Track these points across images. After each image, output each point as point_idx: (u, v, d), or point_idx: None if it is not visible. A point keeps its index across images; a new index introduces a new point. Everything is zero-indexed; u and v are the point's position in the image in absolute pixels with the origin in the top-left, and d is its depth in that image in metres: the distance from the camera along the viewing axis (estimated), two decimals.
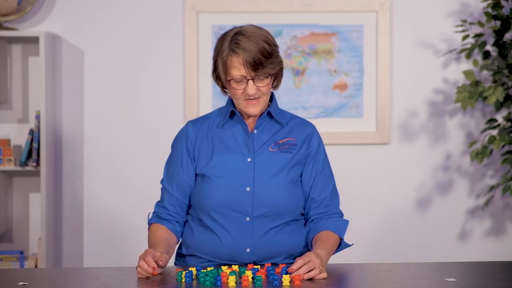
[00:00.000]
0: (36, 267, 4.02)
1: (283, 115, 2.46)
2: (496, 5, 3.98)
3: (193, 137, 2.44)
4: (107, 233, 4.16)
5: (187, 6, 4.10)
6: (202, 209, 2.40)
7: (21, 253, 4.01)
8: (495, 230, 4.26)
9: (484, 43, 4.01)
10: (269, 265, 2.27)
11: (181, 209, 2.45)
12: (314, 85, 4.18)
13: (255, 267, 2.25)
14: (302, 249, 2.43)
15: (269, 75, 2.33)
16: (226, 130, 2.43)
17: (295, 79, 4.16)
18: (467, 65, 4.18)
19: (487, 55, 4.09)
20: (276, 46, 2.36)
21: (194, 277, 2.19)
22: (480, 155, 3.97)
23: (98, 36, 4.12)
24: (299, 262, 2.16)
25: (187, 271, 2.18)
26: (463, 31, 4.06)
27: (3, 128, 4.13)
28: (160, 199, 2.49)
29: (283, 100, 4.10)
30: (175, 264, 2.53)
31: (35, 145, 3.98)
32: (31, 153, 4.00)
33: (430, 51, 4.19)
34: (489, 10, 4.05)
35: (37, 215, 4.15)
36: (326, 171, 2.45)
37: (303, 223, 2.46)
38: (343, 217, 2.45)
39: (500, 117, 4.18)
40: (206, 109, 4.10)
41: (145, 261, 2.21)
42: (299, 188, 2.43)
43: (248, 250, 2.37)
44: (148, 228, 2.46)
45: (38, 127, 3.99)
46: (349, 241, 2.47)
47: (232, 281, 2.12)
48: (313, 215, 2.41)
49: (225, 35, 2.35)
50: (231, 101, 2.42)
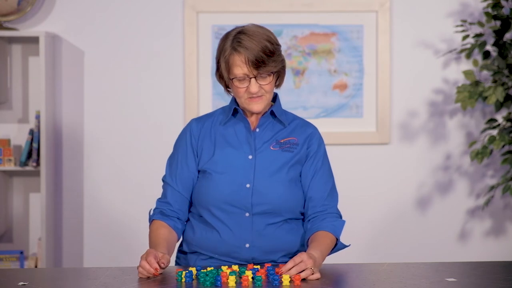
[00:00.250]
0: (36, 267, 4.02)
1: (286, 115, 2.49)
2: (496, 5, 3.98)
3: (196, 133, 2.47)
4: (107, 233, 4.16)
5: (187, 6, 4.10)
6: (202, 205, 2.42)
7: (21, 253, 4.01)
8: (495, 230, 4.26)
9: (484, 43, 4.01)
10: (269, 265, 2.27)
11: (184, 205, 2.46)
12: (314, 85, 4.18)
13: (255, 267, 2.26)
14: (299, 247, 2.45)
15: (271, 73, 2.36)
16: (228, 127, 2.46)
17: (295, 79, 4.16)
18: (467, 65, 4.18)
19: (487, 55, 4.09)
20: (278, 45, 2.39)
21: (194, 277, 2.19)
22: (480, 155, 3.97)
23: (98, 36, 4.12)
24: (289, 263, 2.17)
25: (187, 271, 2.19)
26: (463, 31, 4.06)
27: (3, 128, 4.13)
28: (162, 196, 2.49)
29: (283, 100, 4.07)
30: (176, 261, 2.54)
31: (35, 145, 3.98)
32: (31, 153, 4.00)
33: (430, 51, 4.19)
34: (489, 10, 4.05)
35: (37, 215, 4.15)
36: (324, 171, 2.46)
37: (303, 223, 2.46)
38: (341, 217, 2.46)
39: (500, 117, 4.18)
40: (206, 109, 4.10)
41: (147, 261, 2.21)
42: (299, 187, 2.44)
43: (247, 245, 2.39)
44: (149, 224, 2.47)
45: (38, 127, 3.99)
46: (348, 241, 2.48)
47: (232, 281, 2.12)
48: (310, 214, 2.42)
49: (227, 34, 2.38)
50: (234, 100, 2.45)
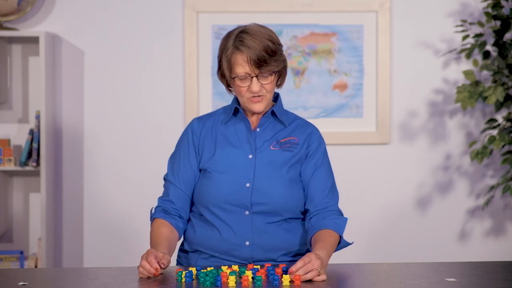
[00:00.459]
0: (36, 267, 4.02)
1: (287, 115, 2.50)
2: (496, 5, 3.98)
3: (198, 132, 2.48)
4: (107, 233, 4.16)
5: (187, 6, 4.10)
6: (202, 204, 2.43)
7: (21, 253, 4.01)
8: (495, 230, 4.26)
9: (484, 43, 4.01)
10: (269, 265, 2.28)
11: (186, 203, 2.47)
12: (314, 85, 4.18)
13: (255, 267, 2.26)
14: (298, 246, 2.45)
15: (273, 72, 2.37)
16: (229, 126, 2.47)
17: (295, 79, 4.16)
18: (467, 65, 4.18)
19: (487, 55, 4.09)
20: (280, 44, 2.40)
21: (194, 277, 2.19)
22: (480, 155, 3.97)
23: (98, 36, 4.12)
24: (299, 263, 2.16)
25: (187, 271, 2.19)
26: (463, 31, 4.06)
27: (3, 128, 4.13)
28: (163, 194, 2.50)
29: (283, 100, 4.08)
30: (178, 261, 2.54)
31: (35, 145, 3.98)
32: (31, 153, 4.00)
33: (430, 51, 4.19)
34: (489, 10, 4.05)
35: (37, 215, 4.15)
36: (324, 169, 2.46)
37: (304, 222, 2.47)
38: (342, 215, 2.45)
39: (500, 117, 4.18)
40: (206, 109, 4.10)
41: (148, 261, 2.21)
42: (300, 187, 2.44)
43: (247, 243, 2.40)
44: (151, 222, 2.47)
45: (38, 127, 3.99)
46: (348, 241, 2.47)
47: (232, 281, 2.12)
48: (311, 212, 2.42)
49: (230, 33, 2.40)
50: (236, 99, 2.47)
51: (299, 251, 2.46)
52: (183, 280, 2.16)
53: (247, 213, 2.40)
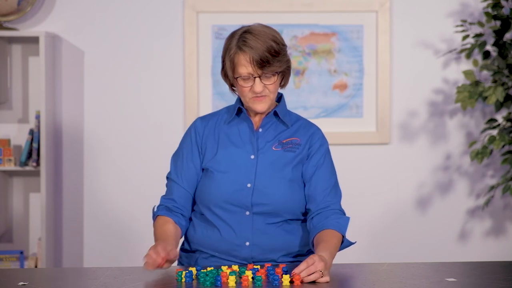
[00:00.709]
0: (36, 267, 4.02)
1: (289, 116, 2.49)
2: (496, 5, 3.98)
3: (201, 131, 2.48)
4: (107, 233, 4.16)
5: (187, 6, 4.10)
6: (203, 203, 2.43)
7: (21, 253, 4.01)
8: (495, 230, 4.26)
9: (484, 43, 4.01)
10: (269, 265, 2.27)
11: (188, 202, 2.47)
12: (314, 85, 4.18)
13: (255, 267, 2.25)
14: (299, 247, 2.44)
15: (276, 73, 2.37)
16: (232, 126, 2.47)
17: (295, 79, 4.16)
18: (467, 65, 4.18)
19: (487, 55, 4.09)
20: (284, 45, 2.40)
21: (194, 277, 2.19)
22: (480, 155, 3.97)
23: (98, 36, 4.12)
24: (302, 265, 2.15)
25: (187, 271, 2.19)
26: (463, 31, 4.06)
27: (3, 128, 4.13)
28: (166, 193, 2.50)
29: None
30: (178, 260, 2.54)
31: (35, 145, 3.98)
32: (31, 153, 4.00)
33: (430, 51, 4.19)
34: (489, 10, 4.05)
35: (37, 215, 4.15)
36: (326, 168, 2.46)
37: (304, 224, 2.46)
38: (345, 214, 2.44)
39: (500, 117, 4.18)
40: (206, 109, 4.10)
41: (155, 251, 2.20)
42: (301, 188, 2.44)
43: (247, 243, 2.40)
44: (153, 221, 2.46)
45: (38, 127, 3.99)
46: (351, 240, 2.46)
47: (232, 281, 2.12)
48: (313, 212, 2.41)
49: (233, 33, 2.40)
50: (239, 99, 2.46)
51: (300, 252, 2.45)
52: (183, 280, 2.16)
53: (247, 213, 2.40)
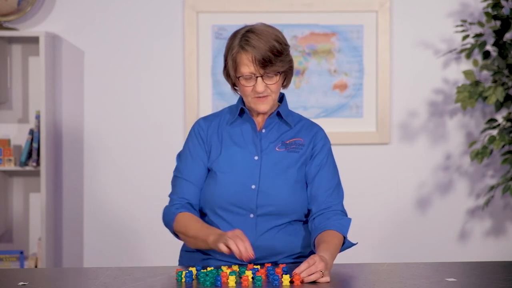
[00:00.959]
0: (36, 267, 4.02)
1: (292, 116, 2.49)
2: (496, 5, 3.98)
3: (205, 131, 2.47)
4: (107, 233, 4.16)
5: (187, 6, 4.10)
6: (207, 205, 2.43)
7: (21, 253, 4.01)
8: (495, 230, 4.26)
9: (484, 43, 4.01)
10: (269, 265, 2.27)
11: (197, 198, 2.44)
12: (314, 85, 4.18)
13: (255, 267, 2.25)
14: (301, 249, 2.44)
15: (278, 72, 2.36)
16: (235, 127, 2.46)
17: (295, 79, 4.16)
18: (467, 65, 4.18)
19: (487, 55, 4.09)
20: (286, 45, 2.39)
21: (194, 277, 2.19)
22: (480, 155, 3.97)
23: (98, 36, 4.12)
24: (303, 265, 2.15)
25: (187, 271, 2.18)
26: (463, 31, 4.06)
27: (3, 128, 4.13)
28: (177, 192, 2.45)
29: None
30: (180, 261, 2.53)
31: (35, 145, 3.98)
32: (31, 153, 4.00)
33: (430, 51, 4.19)
34: (489, 10, 4.05)
35: (37, 215, 4.15)
36: (329, 168, 2.45)
37: (306, 225, 2.46)
38: (346, 215, 2.44)
39: (500, 117, 4.18)
40: (206, 109, 4.10)
41: (239, 241, 2.20)
42: (304, 189, 2.43)
43: None
44: (172, 220, 2.41)
45: (38, 127, 3.99)
46: (352, 241, 2.46)
47: (232, 281, 2.12)
48: (315, 212, 2.41)
49: (236, 32, 2.39)
50: (241, 99, 2.45)
51: (302, 253, 2.45)
52: (183, 280, 2.16)
53: (251, 216, 2.39)
